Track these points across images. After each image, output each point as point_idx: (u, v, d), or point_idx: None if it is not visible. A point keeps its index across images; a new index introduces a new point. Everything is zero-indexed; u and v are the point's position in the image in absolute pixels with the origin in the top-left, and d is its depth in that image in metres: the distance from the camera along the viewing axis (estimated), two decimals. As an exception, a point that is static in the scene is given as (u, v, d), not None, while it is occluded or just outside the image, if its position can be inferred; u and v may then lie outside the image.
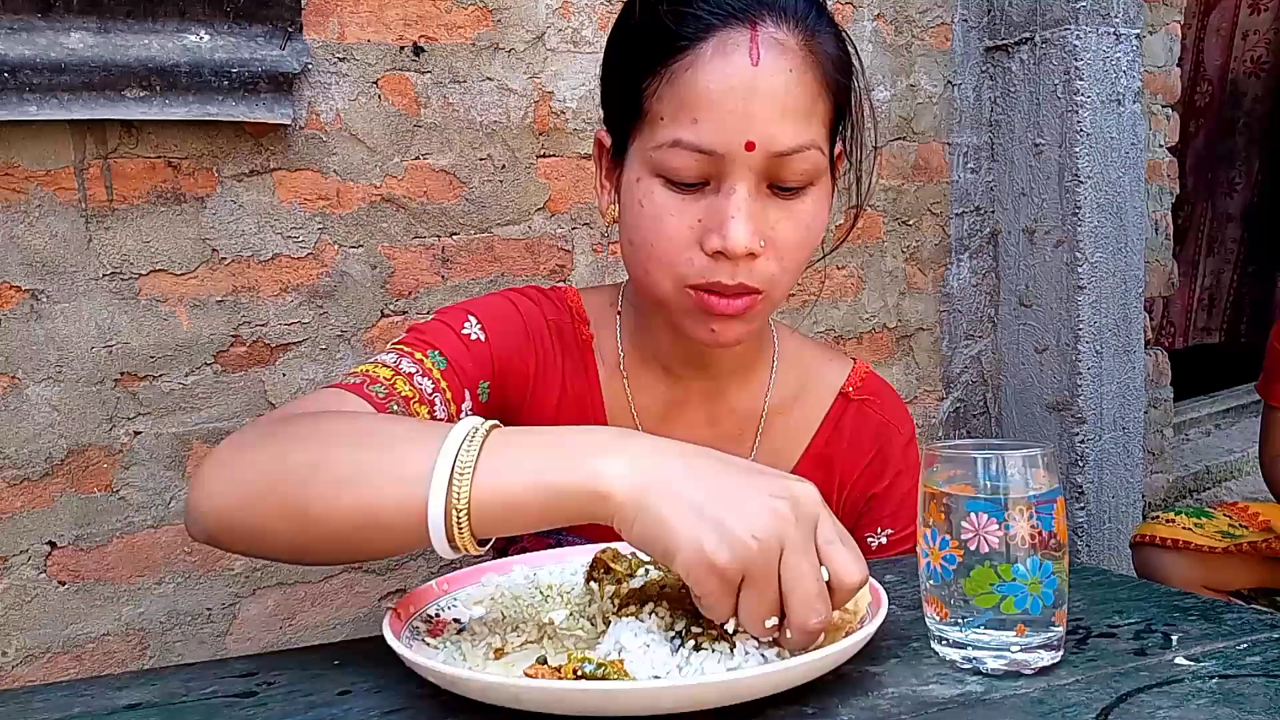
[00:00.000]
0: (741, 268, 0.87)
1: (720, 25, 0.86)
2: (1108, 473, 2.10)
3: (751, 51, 0.85)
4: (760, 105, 0.85)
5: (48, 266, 1.32)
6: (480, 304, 1.02)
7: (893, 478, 1.07)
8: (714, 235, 0.86)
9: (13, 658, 1.34)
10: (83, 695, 0.72)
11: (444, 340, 0.95)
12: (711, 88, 0.85)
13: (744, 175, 0.86)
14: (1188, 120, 3.41)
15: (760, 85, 0.85)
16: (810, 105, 0.87)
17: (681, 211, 0.88)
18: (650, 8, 0.90)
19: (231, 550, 0.77)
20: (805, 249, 0.91)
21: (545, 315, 1.03)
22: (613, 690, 0.63)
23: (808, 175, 0.89)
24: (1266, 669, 0.68)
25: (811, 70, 0.87)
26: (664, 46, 0.87)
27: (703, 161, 0.86)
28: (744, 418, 1.06)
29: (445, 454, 0.67)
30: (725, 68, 0.85)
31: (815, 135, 0.88)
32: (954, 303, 2.14)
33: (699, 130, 0.85)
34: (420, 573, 1.58)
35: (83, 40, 1.27)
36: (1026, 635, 0.69)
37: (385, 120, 1.52)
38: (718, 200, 0.87)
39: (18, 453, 1.32)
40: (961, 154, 2.13)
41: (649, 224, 0.89)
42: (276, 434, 0.76)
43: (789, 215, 0.89)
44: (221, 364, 1.43)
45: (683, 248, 0.88)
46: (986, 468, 0.70)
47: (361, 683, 0.72)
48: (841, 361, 1.11)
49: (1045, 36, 2.04)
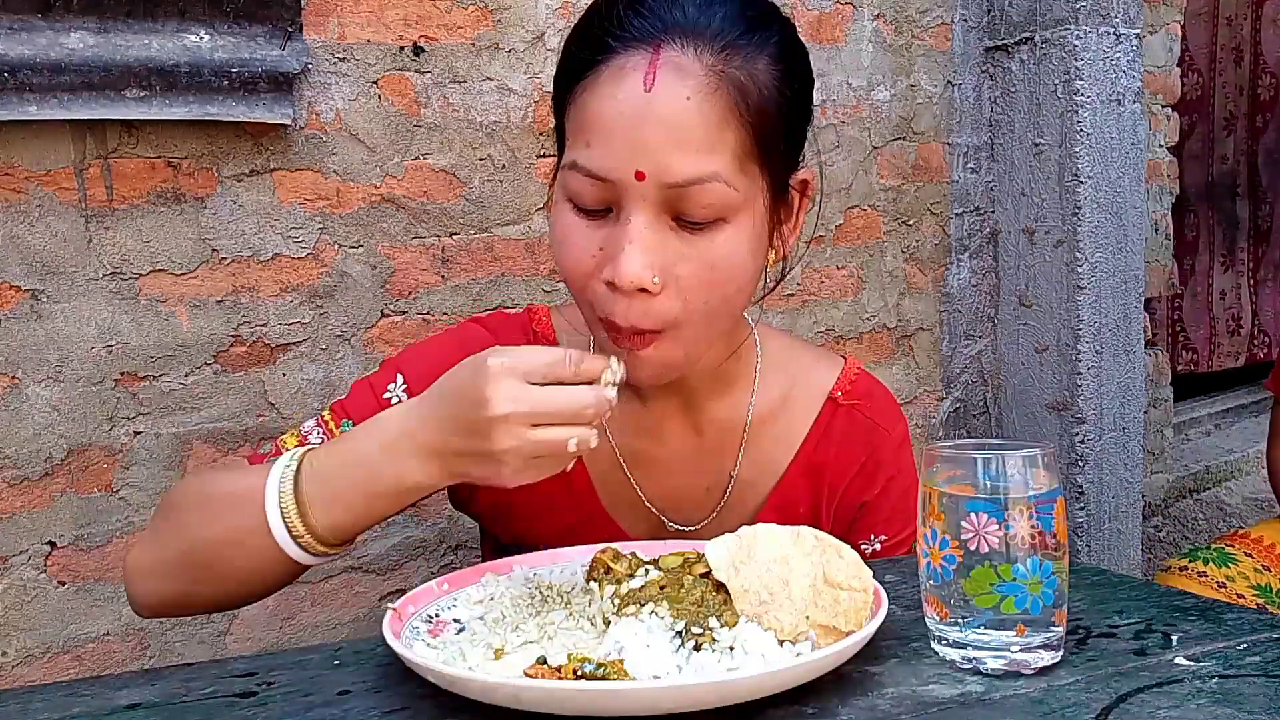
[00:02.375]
0: (636, 305, 0.83)
1: (621, 49, 0.83)
2: (1108, 473, 2.10)
3: (646, 77, 0.81)
4: (652, 133, 0.81)
5: (48, 266, 1.32)
6: (416, 355, 1.02)
7: (884, 483, 1.06)
8: (609, 266, 0.84)
9: (13, 658, 1.34)
10: (83, 695, 0.72)
11: (359, 408, 0.97)
12: (604, 112, 0.83)
13: (639, 206, 0.82)
14: (1253, 115, 3.32)
15: (653, 112, 0.81)
16: (713, 136, 0.82)
17: (586, 237, 0.86)
18: (575, 30, 0.89)
19: (179, 614, 0.97)
20: (715, 289, 0.86)
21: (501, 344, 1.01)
22: (613, 690, 0.63)
23: (714, 210, 0.83)
24: (1266, 669, 0.68)
25: (718, 98, 0.82)
26: (574, 66, 0.86)
27: (598, 187, 0.83)
28: (726, 429, 1.04)
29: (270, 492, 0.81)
30: (617, 92, 0.82)
31: (719, 168, 0.82)
32: (954, 303, 2.14)
33: (591, 155, 0.83)
34: (420, 573, 1.58)
35: (83, 40, 1.27)
36: (1026, 635, 0.69)
37: (385, 120, 1.52)
38: (615, 230, 0.84)
39: (18, 453, 1.32)
40: (961, 154, 2.13)
41: (559, 246, 0.89)
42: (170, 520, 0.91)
43: (694, 253, 0.84)
44: (221, 364, 1.44)
45: (587, 274, 0.86)
46: (986, 468, 0.70)
47: (361, 683, 0.72)
48: (831, 363, 1.09)
49: (1045, 36, 2.04)
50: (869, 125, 1.98)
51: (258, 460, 0.96)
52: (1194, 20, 3.04)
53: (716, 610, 0.73)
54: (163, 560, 0.88)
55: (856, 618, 0.72)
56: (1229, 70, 3.21)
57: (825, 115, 1.93)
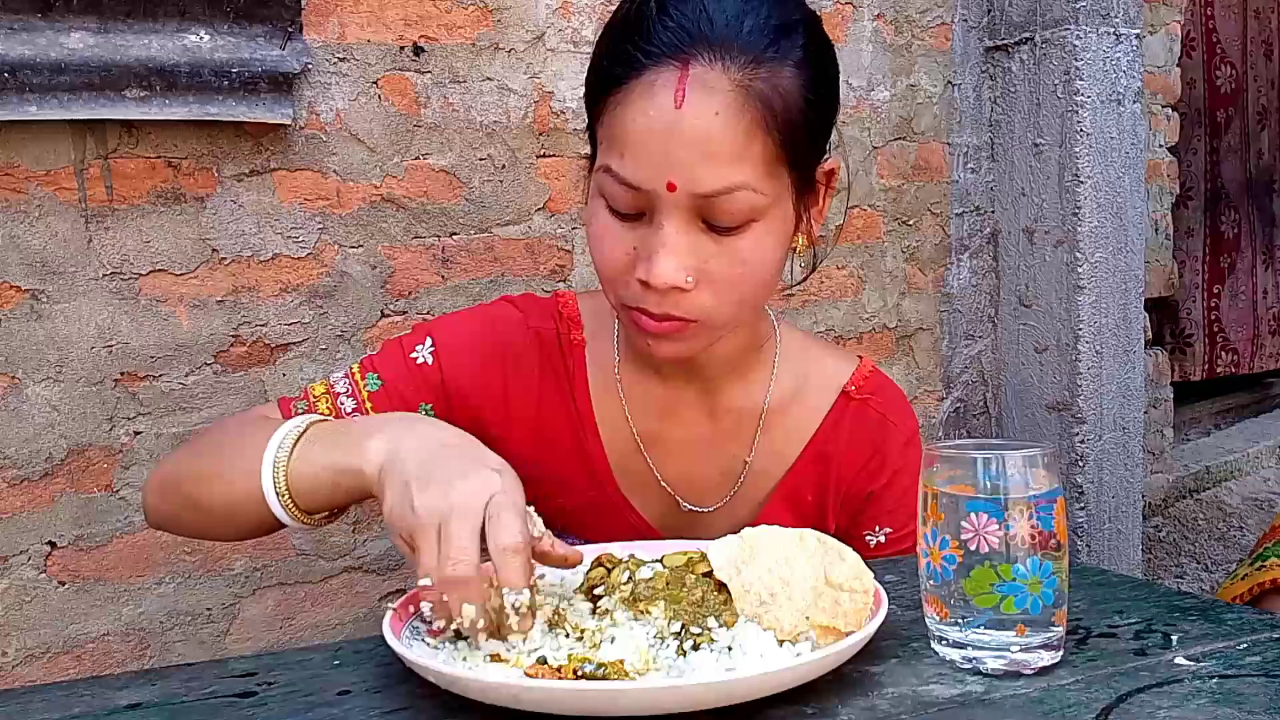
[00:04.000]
0: (669, 299, 0.87)
1: (651, 65, 0.85)
2: (1108, 473, 2.10)
3: (676, 94, 0.84)
4: (681, 148, 0.84)
5: (48, 266, 1.32)
6: (448, 324, 1.06)
7: (891, 475, 1.07)
8: (642, 265, 0.87)
9: (13, 658, 1.34)
10: (83, 695, 0.72)
11: (388, 364, 1.02)
12: (635, 126, 0.85)
13: (671, 212, 0.86)
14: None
15: (682, 128, 0.83)
16: (741, 147, 0.85)
17: (620, 237, 0.89)
18: (606, 35, 0.91)
19: (173, 532, 1.02)
20: (746, 282, 0.90)
21: (531, 325, 1.05)
22: (613, 690, 0.63)
23: (742, 215, 0.87)
24: (1266, 669, 0.68)
25: (746, 112, 0.85)
26: (606, 79, 0.88)
27: (632, 194, 0.87)
28: (742, 416, 1.06)
29: (269, 448, 0.85)
30: (649, 109, 0.84)
31: (747, 176, 0.86)
32: (954, 303, 2.14)
33: (625, 165, 0.86)
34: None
35: (83, 40, 1.27)
36: (1026, 635, 0.69)
37: (385, 120, 1.52)
38: (649, 233, 0.87)
39: (18, 453, 1.32)
40: (961, 154, 2.13)
41: (595, 243, 0.92)
42: (189, 447, 1.02)
43: (724, 251, 0.88)
44: (221, 364, 1.44)
45: (621, 271, 0.90)
46: (986, 468, 0.70)
47: (361, 683, 0.72)
48: (846, 360, 1.11)
49: (1045, 36, 2.04)
50: (869, 125, 1.98)
51: (286, 406, 1.01)
52: (1224, 13, 2.97)
53: (716, 610, 0.73)
54: (171, 479, 0.97)
55: (857, 619, 0.72)
56: (1260, 64, 3.12)
57: (825, 115, 1.93)
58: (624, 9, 0.90)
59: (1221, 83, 3.00)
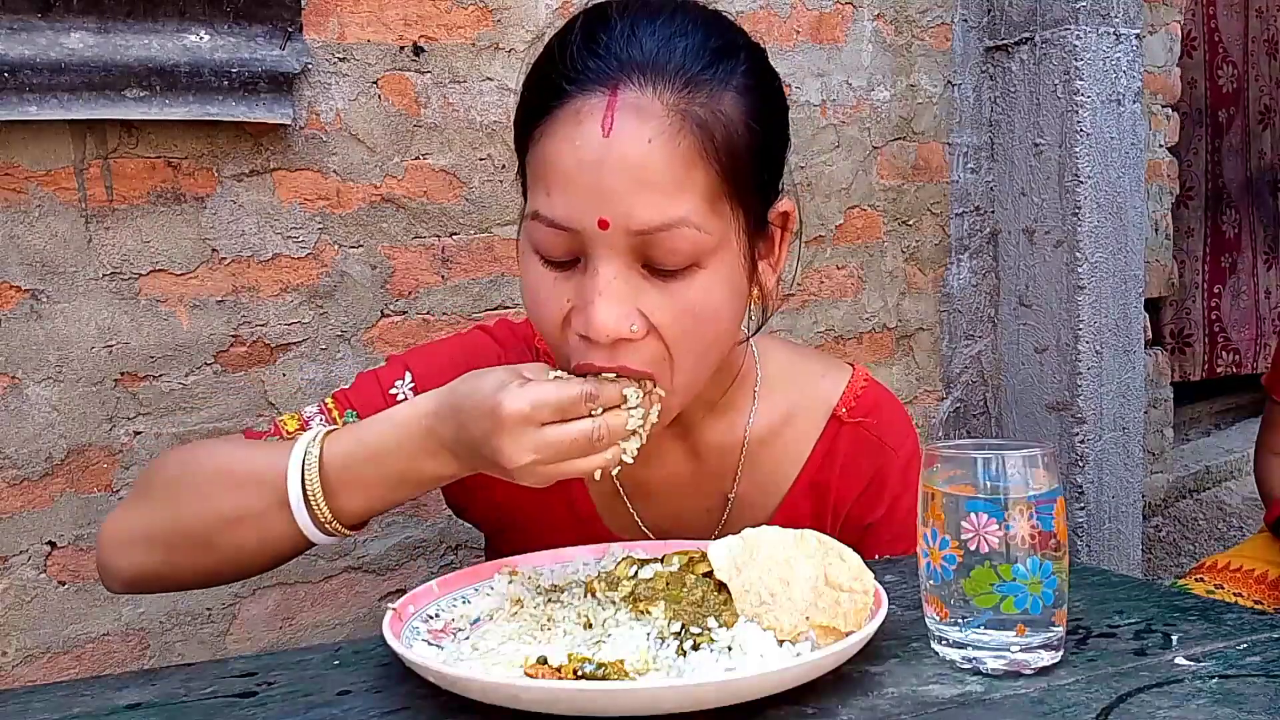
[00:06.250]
0: (619, 351, 0.79)
1: (577, 91, 0.79)
2: (1108, 473, 2.10)
3: (604, 121, 0.77)
4: (612, 179, 0.76)
5: (48, 266, 1.32)
6: (425, 356, 1.01)
7: (890, 502, 1.03)
8: (578, 318, 0.80)
9: (13, 658, 1.34)
10: (83, 695, 0.72)
11: (365, 400, 0.96)
12: (562, 159, 0.79)
13: (606, 255, 0.78)
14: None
15: (613, 157, 0.76)
16: (679, 178, 0.78)
17: (554, 290, 0.82)
18: (532, 70, 0.86)
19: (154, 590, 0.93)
20: (698, 334, 0.82)
21: (506, 357, 0.99)
22: (613, 690, 0.63)
23: (686, 256, 0.79)
24: (1266, 669, 0.68)
25: (682, 138, 0.77)
26: (531, 111, 0.83)
27: (563, 237, 0.80)
28: (723, 451, 1.01)
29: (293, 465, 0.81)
30: (575, 139, 0.78)
31: (688, 211, 0.78)
32: (954, 303, 2.14)
33: (553, 204, 0.79)
34: (420, 573, 1.58)
35: (83, 40, 1.27)
36: (1026, 635, 0.69)
37: (385, 120, 1.52)
38: (584, 280, 0.80)
39: (18, 453, 1.32)
40: (961, 154, 2.13)
41: (528, 300, 0.86)
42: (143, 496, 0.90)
43: (670, 299, 0.80)
44: (221, 364, 1.44)
45: (559, 328, 0.83)
46: (986, 468, 0.70)
47: (361, 683, 0.72)
48: (837, 374, 1.05)
49: (1045, 36, 2.04)
50: (869, 125, 1.98)
51: (254, 436, 0.96)
52: (1227, 11, 2.96)
53: (716, 610, 0.73)
54: (146, 532, 0.87)
55: (857, 619, 0.72)
56: (1262, 63, 3.10)
57: (825, 115, 1.93)
58: (550, 42, 0.85)
59: (1223, 82, 3.00)
